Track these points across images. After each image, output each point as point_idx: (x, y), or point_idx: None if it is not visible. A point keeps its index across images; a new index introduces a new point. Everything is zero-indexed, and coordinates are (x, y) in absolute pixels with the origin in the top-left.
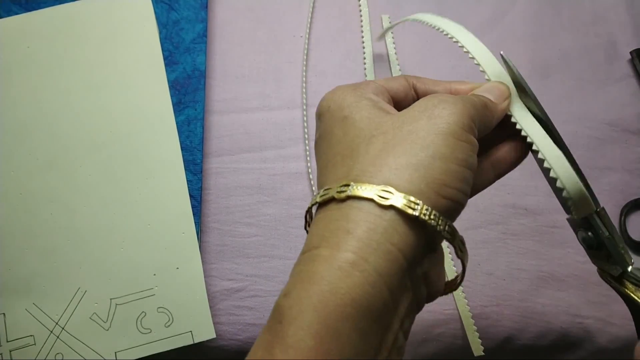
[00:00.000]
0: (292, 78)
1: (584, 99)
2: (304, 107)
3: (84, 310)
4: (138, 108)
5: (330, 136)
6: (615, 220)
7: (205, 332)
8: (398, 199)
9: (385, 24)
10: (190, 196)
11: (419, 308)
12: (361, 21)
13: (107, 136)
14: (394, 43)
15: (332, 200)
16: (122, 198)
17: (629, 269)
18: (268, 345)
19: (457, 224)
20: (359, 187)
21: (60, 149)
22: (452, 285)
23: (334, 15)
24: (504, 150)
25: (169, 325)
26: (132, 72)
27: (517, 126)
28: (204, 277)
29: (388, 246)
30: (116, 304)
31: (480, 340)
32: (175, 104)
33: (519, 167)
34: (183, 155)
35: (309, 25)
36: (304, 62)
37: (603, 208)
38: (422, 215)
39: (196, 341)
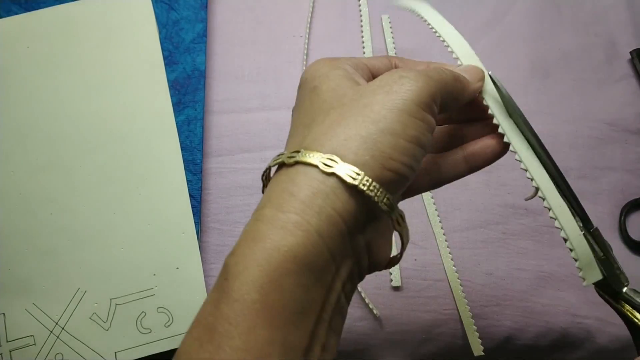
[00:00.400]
0: (292, 78)
1: (584, 99)
2: None
3: (84, 310)
4: (138, 108)
5: (300, 106)
6: (615, 220)
7: None
8: (341, 168)
9: (385, 24)
10: (190, 196)
11: (361, 277)
12: (361, 21)
13: (107, 136)
14: (393, 43)
15: (282, 165)
16: (122, 198)
17: (624, 290)
18: (215, 301)
19: (457, 223)
20: (307, 155)
21: (60, 149)
22: (394, 261)
23: (333, 15)
24: (480, 146)
25: (169, 325)
26: (132, 72)
27: (512, 149)
28: (204, 277)
29: (329, 210)
30: (116, 304)
31: (480, 340)
32: (175, 104)
33: (518, 167)
34: (183, 155)
35: (308, 25)
36: (304, 62)
37: (597, 228)
38: (361, 185)
39: None
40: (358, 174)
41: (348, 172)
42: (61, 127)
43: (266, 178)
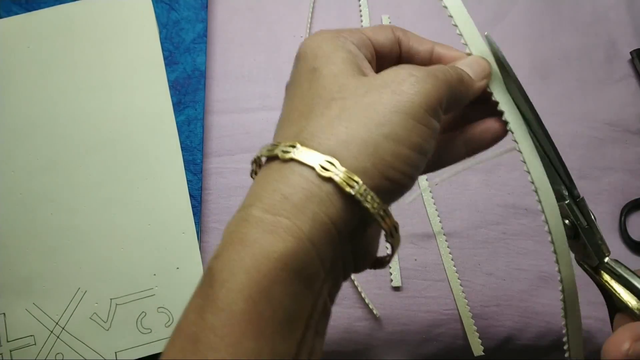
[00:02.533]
0: None
1: (584, 99)
2: None
3: (84, 310)
4: (138, 108)
5: (297, 86)
6: (615, 220)
7: None
8: (339, 174)
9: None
10: (190, 196)
11: (345, 278)
12: (361, 21)
13: (107, 136)
14: None
15: (276, 158)
16: (122, 198)
17: (606, 260)
18: (199, 309)
19: (457, 223)
20: (304, 153)
21: (60, 149)
22: (380, 264)
23: (334, 16)
24: (480, 129)
25: (169, 325)
26: (132, 72)
27: (499, 107)
28: None
29: (323, 217)
30: (116, 304)
31: (480, 340)
32: (175, 104)
33: (519, 167)
34: (183, 155)
35: (308, 26)
36: None
37: (583, 198)
38: (357, 195)
39: None
40: (356, 182)
41: (345, 178)
42: (61, 127)
43: (257, 165)
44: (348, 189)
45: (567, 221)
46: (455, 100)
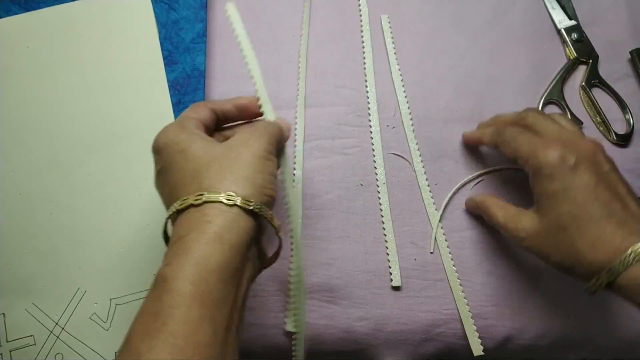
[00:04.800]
0: (292, 78)
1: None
2: (304, 107)
3: (84, 310)
4: (138, 108)
5: (172, 166)
6: None
7: None
8: (238, 199)
9: (385, 24)
10: None
11: (258, 270)
12: (361, 21)
13: (106, 136)
14: (393, 43)
15: (190, 206)
16: (122, 198)
17: None
18: (156, 298)
19: (457, 223)
20: (211, 195)
21: (59, 149)
22: (273, 258)
23: (333, 15)
24: None
25: None
26: (132, 72)
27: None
28: None
29: (237, 228)
30: (116, 304)
31: (480, 340)
32: (175, 104)
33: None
34: None
35: (308, 25)
36: (304, 62)
37: None
38: (255, 208)
39: None
40: (250, 202)
41: (244, 201)
42: (61, 127)
43: (172, 220)
44: (247, 206)
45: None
46: (280, 141)
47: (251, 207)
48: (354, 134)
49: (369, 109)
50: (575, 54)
